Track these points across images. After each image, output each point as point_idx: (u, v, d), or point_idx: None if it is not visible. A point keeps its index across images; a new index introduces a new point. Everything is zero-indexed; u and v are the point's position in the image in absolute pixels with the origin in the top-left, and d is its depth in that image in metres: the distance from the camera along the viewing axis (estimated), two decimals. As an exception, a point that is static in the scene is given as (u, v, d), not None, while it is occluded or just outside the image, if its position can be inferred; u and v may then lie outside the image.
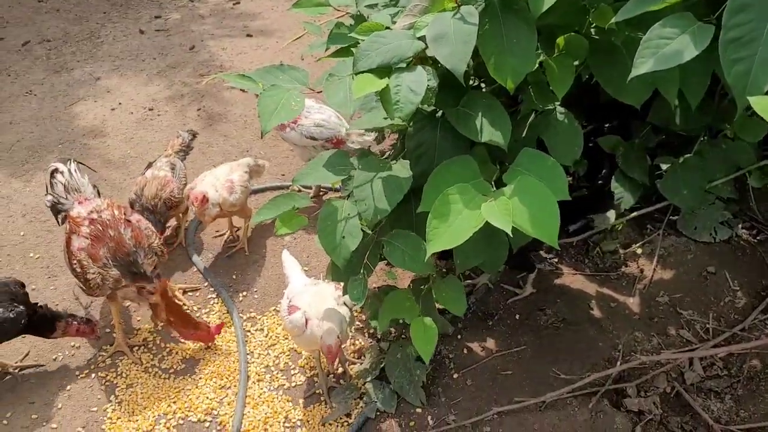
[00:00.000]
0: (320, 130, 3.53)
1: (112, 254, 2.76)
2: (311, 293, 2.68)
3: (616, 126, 3.21)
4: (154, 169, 3.42)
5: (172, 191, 3.33)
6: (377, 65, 2.06)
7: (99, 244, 2.77)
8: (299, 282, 2.81)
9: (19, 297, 2.74)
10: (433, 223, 1.92)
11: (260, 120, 2.06)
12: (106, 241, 2.77)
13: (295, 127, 3.51)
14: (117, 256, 2.76)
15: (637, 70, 1.80)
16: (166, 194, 3.31)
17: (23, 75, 4.99)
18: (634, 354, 2.81)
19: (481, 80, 2.66)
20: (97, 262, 2.75)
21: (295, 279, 2.84)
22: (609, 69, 2.26)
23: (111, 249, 2.76)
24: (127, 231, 2.82)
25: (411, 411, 2.71)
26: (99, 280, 2.75)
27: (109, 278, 2.75)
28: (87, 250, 2.77)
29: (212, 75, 3.66)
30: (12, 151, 4.21)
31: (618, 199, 3.04)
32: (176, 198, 3.35)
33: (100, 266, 2.75)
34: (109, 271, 2.75)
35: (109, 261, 2.75)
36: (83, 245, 2.78)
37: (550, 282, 3.20)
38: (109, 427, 2.72)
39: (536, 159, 2.07)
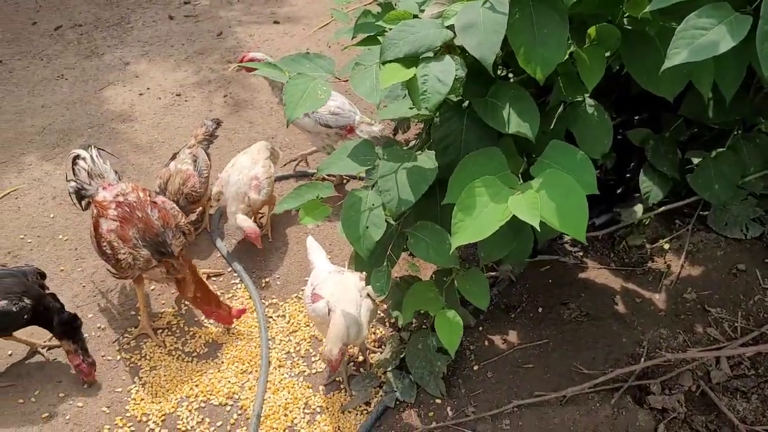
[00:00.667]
0: (335, 118, 3.52)
1: (141, 235, 2.80)
2: (335, 282, 2.68)
3: (646, 118, 3.15)
4: (177, 162, 3.43)
5: (194, 186, 3.35)
6: (404, 54, 2.04)
7: (128, 226, 2.81)
8: (323, 269, 2.81)
9: (31, 290, 2.75)
10: (458, 216, 1.91)
11: (286, 109, 2.06)
12: (134, 222, 2.81)
13: (310, 113, 3.49)
14: (146, 236, 2.80)
15: (671, 61, 1.75)
16: (188, 189, 3.33)
17: (55, 59, 5.05)
18: (659, 351, 2.77)
19: (510, 70, 2.62)
20: (127, 243, 2.79)
21: (320, 265, 2.85)
22: (641, 60, 2.21)
23: (140, 230, 2.80)
24: (154, 212, 2.86)
25: (430, 401, 2.71)
26: (130, 260, 2.79)
27: (140, 258, 2.79)
28: (116, 231, 2.80)
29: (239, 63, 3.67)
30: (43, 134, 4.28)
31: (646, 193, 2.99)
32: (197, 193, 3.37)
33: (131, 247, 2.79)
34: (139, 252, 2.79)
35: (138, 241, 2.79)
36: (112, 227, 2.81)
37: (574, 276, 3.17)
38: (133, 408, 2.76)
39: (565, 152, 2.04)
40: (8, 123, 4.36)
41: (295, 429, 2.69)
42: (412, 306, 2.47)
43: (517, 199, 1.85)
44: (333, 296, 2.61)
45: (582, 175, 1.95)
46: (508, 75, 2.62)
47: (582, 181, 1.91)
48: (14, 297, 2.67)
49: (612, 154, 3.11)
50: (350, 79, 2.15)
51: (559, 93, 2.35)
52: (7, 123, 4.36)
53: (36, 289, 2.78)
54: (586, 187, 1.92)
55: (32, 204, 3.74)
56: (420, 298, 2.45)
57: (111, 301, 3.22)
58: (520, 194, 1.87)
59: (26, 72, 4.89)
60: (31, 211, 3.70)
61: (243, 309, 3.06)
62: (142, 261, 2.80)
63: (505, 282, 3.16)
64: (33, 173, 3.95)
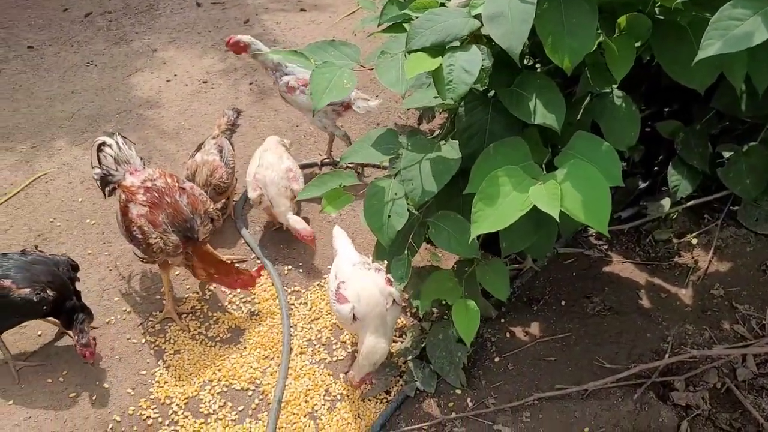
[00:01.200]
0: None
1: (170, 220, 2.83)
2: (360, 284, 2.65)
3: (676, 110, 3.09)
4: (203, 153, 3.44)
5: (222, 176, 3.36)
6: (431, 44, 2.03)
7: (158, 211, 2.84)
8: (348, 259, 2.78)
9: (57, 281, 2.76)
10: (478, 205, 1.89)
11: (312, 98, 2.05)
12: (164, 208, 2.84)
13: (306, 90, 3.46)
14: (175, 222, 2.83)
15: (704, 53, 1.71)
16: (216, 180, 3.34)
17: (85, 45, 5.12)
18: (684, 347, 2.73)
19: (536, 60, 2.59)
20: (157, 228, 2.82)
21: (344, 254, 2.83)
22: (673, 51, 2.17)
23: (169, 215, 2.83)
24: (183, 198, 2.89)
25: (450, 392, 2.71)
26: (161, 245, 2.82)
27: (170, 243, 2.82)
28: (147, 216, 2.83)
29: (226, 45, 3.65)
30: (73, 119, 4.34)
31: (674, 187, 2.94)
32: (225, 183, 3.39)
33: (161, 232, 2.82)
34: (169, 237, 2.82)
35: (168, 227, 2.82)
36: (143, 212, 2.85)
37: (599, 269, 3.13)
38: (157, 390, 2.81)
39: (590, 143, 2.01)
40: (39, 108, 4.44)
41: (316, 415, 2.72)
42: (430, 294, 2.46)
43: (539, 189, 1.83)
44: (359, 302, 2.59)
45: (607, 167, 1.92)
46: (534, 65, 2.59)
47: (607, 172, 1.89)
48: (38, 287, 2.69)
49: (640, 147, 3.07)
50: (375, 68, 2.14)
51: (587, 84, 2.31)
52: (38, 108, 4.44)
53: (62, 282, 2.79)
54: (611, 179, 1.89)
55: (61, 188, 3.81)
56: (439, 287, 2.44)
57: (136, 285, 3.27)
58: (541, 184, 1.85)
59: (57, 58, 4.96)
60: (60, 194, 3.77)
61: (260, 267, 3.09)
62: (172, 246, 2.83)
63: (528, 274, 3.13)
64: (62, 158, 4.02)
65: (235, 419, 2.72)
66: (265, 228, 3.56)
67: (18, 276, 2.69)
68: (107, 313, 3.12)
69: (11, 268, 2.72)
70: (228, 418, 2.71)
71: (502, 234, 2.25)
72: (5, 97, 4.53)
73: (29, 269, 2.73)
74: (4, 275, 2.69)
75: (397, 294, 2.63)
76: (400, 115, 4.29)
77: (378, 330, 2.59)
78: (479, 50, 2.01)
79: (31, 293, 2.67)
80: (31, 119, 4.33)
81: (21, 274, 2.70)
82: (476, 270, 2.43)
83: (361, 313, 2.58)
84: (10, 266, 2.73)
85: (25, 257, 2.80)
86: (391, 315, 2.62)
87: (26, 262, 2.77)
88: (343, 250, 2.87)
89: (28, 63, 4.90)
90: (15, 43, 5.12)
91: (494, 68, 2.10)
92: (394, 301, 2.63)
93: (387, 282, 2.63)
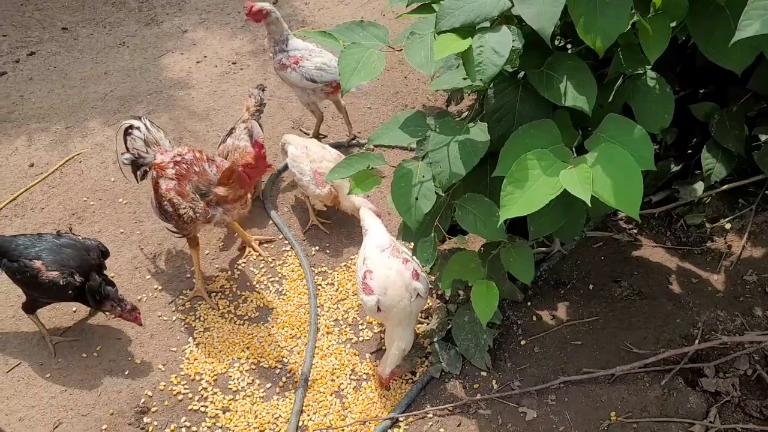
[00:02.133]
0: (321, 74, 3.53)
1: (195, 187, 2.86)
2: (386, 275, 2.61)
3: (711, 92, 3.02)
4: (234, 138, 3.44)
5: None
6: (460, 24, 2.01)
7: (185, 182, 2.88)
8: (377, 243, 2.73)
9: (84, 266, 2.79)
10: (507, 189, 1.88)
11: (341, 79, 2.06)
12: (190, 178, 2.88)
13: (297, 68, 3.53)
14: (200, 186, 2.86)
15: (742, 33, 1.67)
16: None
17: (117, 27, 5.17)
18: (714, 333, 2.70)
19: (568, 41, 2.55)
20: (185, 198, 2.86)
21: (374, 237, 2.78)
22: (709, 31, 2.11)
23: (195, 183, 2.87)
24: (212, 167, 2.92)
25: (476, 374, 2.72)
26: (191, 214, 2.86)
27: (199, 210, 2.85)
28: (175, 189, 2.88)
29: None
30: (105, 100, 4.41)
31: (708, 171, 2.88)
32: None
33: (189, 201, 2.86)
34: (197, 204, 2.85)
35: (195, 195, 2.86)
36: (170, 185, 2.89)
37: (628, 253, 3.09)
38: (187, 367, 2.88)
39: (622, 126, 1.98)
40: (73, 89, 4.51)
41: (342, 394, 2.76)
42: (451, 274, 2.46)
43: (570, 173, 1.81)
44: (385, 294, 2.58)
45: (639, 150, 1.89)
46: (565, 46, 2.55)
47: (638, 156, 1.86)
48: (66, 271, 2.74)
49: (673, 129, 3.01)
50: (404, 49, 2.14)
51: (619, 65, 2.27)
52: (72, 89, 4.51)
53: (90, 267, 2.82)
54: (643, 162, 1.87)
55: (94, 168, 3.88)
56: (461, 267, 2.44)
57: (167, 263, 3.33)
58: (572, 168, 1.83)
59: (90, 39, 5.03)
60: (93, 174, 3.84)
61: (260, 144, 2.91)
62: (202, 212, 2.85)
63: (555, 257, 3.11)
64: (96, 138, 4.09)
65: (263, 396, 2.77)
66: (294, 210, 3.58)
67: (49, 258, 2.75)
68: (139, 291, 3.19)
69: (44, 249, 2.79)
70: (256, 395, 2.77)
71: (530, 217, 2.23)
72: (41, 78, 4.62)
73: (60, 252, 2.79)
74: (37, 256, 2.76)
75: (422, 288, 2.62)
76: (429, 96, 4.26)
77: (403, 322, 2.60)
78: (510, 31, 1.99)
79: (58, 277, 2.73)
80: (65, 100, 4.41)
81: (52, 257, 2.76)
82: (501, 253, 2.42)
83: (386, 305, 2.58)
84: (43, 248, 2.80)
85: (58, 240, 2.86)
86: (415, 306, 2.61)
87: (58, 244, 2.83)
88: (373, 231, 2.82)
89: (63, 44, 4.97)
90: (50, 25, 5.19)
91: (525, 49, 2.07)
92: (419, 294, 2.61)
93: (414, 275, 2.61)
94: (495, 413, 2.58)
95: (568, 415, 2.53)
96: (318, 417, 2.68)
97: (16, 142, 4.09)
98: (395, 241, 2.77)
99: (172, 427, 2.67)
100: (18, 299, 3.12)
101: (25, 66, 4.74)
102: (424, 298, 2.66)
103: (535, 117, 2.16)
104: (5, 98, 4.44)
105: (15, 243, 2.83)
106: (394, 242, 2.75)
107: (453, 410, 2.62)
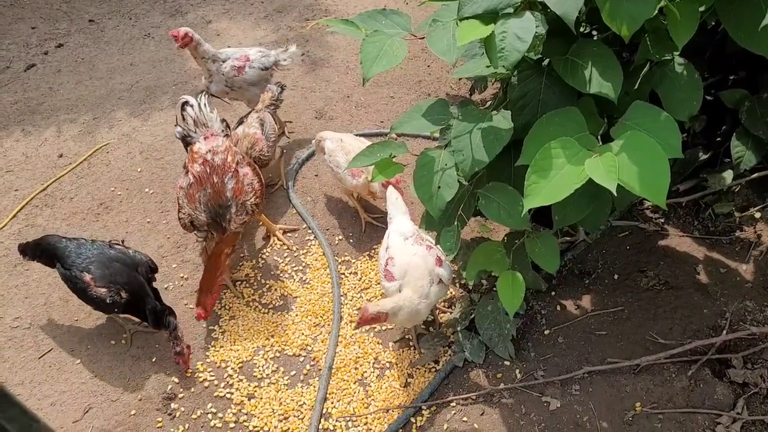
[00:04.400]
0: (266, 59, 3.73)
1: (206, 200, 2.83)
2: (408, 260, 2.59)
3: (741, 79, 2.95)
4: (245, 126, 3.47)
5: (262, 150, 3.37)
6: (483, 11, 1.99)
7: (199, 187, 2.84)
8: (401, 230, 2.72)
9: (133, 283, 2.77)
10: (532, 178, 1.86)
11: (362, 67, 2.05)
12: (206, 186, 2.84)
13: (250, 63, 3.68)
14: (209, 203, 2.83)
15: (773, 17, 1.63)
16: (256, 153, 3.35)
17: (143, 18, 5.23)
18: (743, 324, 2.65)
19: (593, 27, 2.51)
20: (191, 203, 2.84)
21: (398, 223, 2.77)
22: (740, 15, 2.06)
23: (207, 195, 2.83)
24: (230, 182, 2.86)
25: (499, 363, 2.71)
26: (186, 221, 2.86)
27: (197, 221, 2.85)
28: (186, 189, 2.86)
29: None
30: (131, 91, 4.46)
31: (738, 159, 2.82)
32: (266, 156, 3.39)
33: (192, 208, 2.84)
34: (198, 215, 2.84)
35: (200, 206, 2.83)
36: (185, 183, 2.88)
37: (654, 243, 3.05)
38: (213, 354, 2.92)
39: (648, 113, 1.95)
40: (101, 80, 4.57)
41: (365, 382, 2.77)
42: (477, 265, 2.44)
43: (595, 161, 1.78)
44: (406, 279, 2.56)
45: (666, 138, 1.86)
46: (591, 32, 2.51)
47: (665, 144, 1.82)
48: (114, 288, 2.74)
49: (702, 117, 2.95)
50: (426, 36, 2.12)
51: (646, 51, 2.22)
52: (99, 80, 4.58)
53: (138, 284, 2.81)
54: (670, 150, 1.83)
55: (121, 158, 3.94)
56: (486, 258, 2.42)
57: (193, 252, 3.37)
58: (597, 156, 1.80)
59: (116, 31, 5.09)
60: (120, 164, 3.90)
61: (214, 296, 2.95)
62: (199, 224, 2.85)
63: (580, 247, 3.08)
64: (122, 128, 4.15)
65: (287, 384, 2.80)
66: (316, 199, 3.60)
67: (98, 273, 2.76)
68: (165, 279, 3.24)
69: (93, 261, 2.78)
70: (280, 383, 2.80)
71: (554, 207, 2.22)
72: (69, 69, 4.69)
73: (109, 267, 2.78)
74: (86, 268, 2.76)
75: (445, 274, 2.59)
76: (452, 85, 4.24)
77: (418, 291, 2.54)
78: (533, 17, 1.96)
79: (105, 294, 2.74)
80: (93, 91, 4.48)
81: (100, 272, 2.76)
82: (526, 242, 2.40)
83: (405, 290, 2.55)
84: (93, 259, 2.79)
85: (109, 251, 2.86)
86: (434, 291, 2.57)
87: (108, 257, 2.82)
88: (397, 220, 2.81)
89: (90, 36, 5.05)
90: (77, 17, 5.27)
91: (548, 35, 2.05)
92: (441, 280, 2.59)
93: (437, 261, 2.60)
94: (518, 402, 2.58)
95: (592, 405, 2.52)
96: (342, 404, 2.71)
97: (46, 133, 4.17)
98: (419, 230, 2.75)
99: (198, 413, 2.71)
100: (48, 287, 3.19)
101: (54, 58, 4.82)
102: (446, 285, 2.64)
103: (560, 105, 2.13)
104: (35, 90, 4.52)
105: (68, 249, 2.83)
106: (418, 231, 2.74)
107: (476, 399, 2.62)
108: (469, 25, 1.98)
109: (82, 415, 2.73)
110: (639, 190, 1.75)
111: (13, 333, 3.06)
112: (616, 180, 1.72)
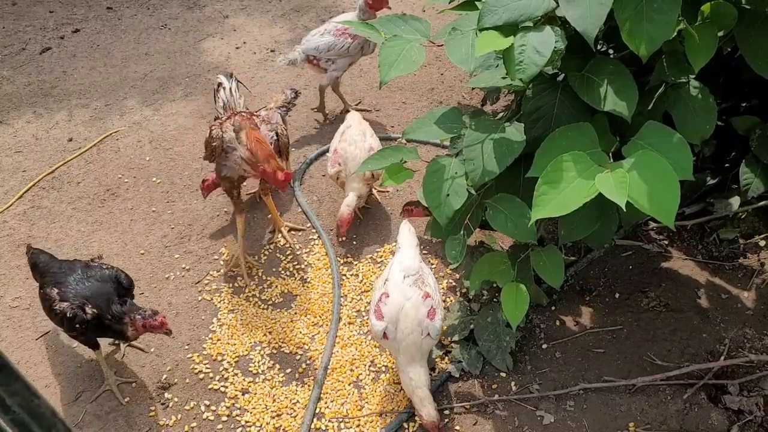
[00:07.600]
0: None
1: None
2: (401, 306, 2.43)
3: (754, 106, 2.96)
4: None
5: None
6: (503, 22, 2.00)
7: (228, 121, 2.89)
8: (405, 266, 2.53)
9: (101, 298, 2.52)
10: (542, 188, 1.87)
11: (380, 70, 2.06)
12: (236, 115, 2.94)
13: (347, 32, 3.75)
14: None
15: (792, 47, 1.64)
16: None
17: (160, 9, 5.26)
18: (741, 351, 2.65)
19: (610, 45, 2.52)
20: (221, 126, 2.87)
21: (403, 257, 2.58)
22: (758, 43, 2.08)
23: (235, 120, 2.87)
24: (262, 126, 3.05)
25: (495, 374, 2.71)
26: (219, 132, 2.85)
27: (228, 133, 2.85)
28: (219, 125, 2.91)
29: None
30: (145, 80, 4.48)
31: (746, 185, 2.83)
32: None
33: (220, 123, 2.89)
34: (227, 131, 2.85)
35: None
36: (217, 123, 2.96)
37: (657, 264, 3.06)
38: (210, 347, 2.92)
39: (661, 134, 1.96)
40: (115, 68, 4.60)
41: (360, 384, 2.77)
42: (480, 275, 2.45)
43: (606, 176, 1.79)
44: (395, 326, 2.43)
45: (677, 159, 1.87)
46: (608, 50, 2.52)
47: (677, 165, 1.83)
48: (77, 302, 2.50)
49: (712, 141, 2.96)
50: (445, 44, 2.13)
51: (662, 72, 2.24)
52: (113, 68, 4.60)
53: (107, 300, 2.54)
54: (681, 171, 1.84)
55: (130, 146, 3.96)
56: (491, 268, 2.43)
57: (196, 243, 3.38)
58: (608, 172, 1.81)
59: (133, 20, 5.12)
60: (129, 152, 3.91)
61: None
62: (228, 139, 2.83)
63: (583, 264, 3.09)
64: (133, 117, 4.17)
65: (282, 381, 2.80)
66: (322, 199, 3.61)
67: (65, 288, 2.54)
68: (167, 269, 3.24)
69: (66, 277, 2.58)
70: (275, 380, 2.80)
71: (561, 221, 2.22)
72: (84, 55, 4.71)
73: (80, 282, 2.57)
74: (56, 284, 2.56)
75: (435, 330, 2.45)
76: (464, 95, 4.25)
77: (415, 357, 2.45)
78: (553, 32, 1.97)
79: (67, 307, 2.50)
80: (106, 78, 4.50)
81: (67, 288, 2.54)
82: (531, 255, 2.40)
83: (393, 334, 2.45)
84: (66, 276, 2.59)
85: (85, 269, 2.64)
86: (425, 344, 2.45)
87: (81, 275, 2.61)
88: (405, 251, 2.61)
89: (107, 23, 5.07)
90: (95, 4, 5.30)
91: (566, 51, 2.06)
92: (429, 334, 2.45)
93: (430, 313, 2.44)
94: (512, 415, 2.57)
95: (586, 422, 2.51)
96: (335, 405, 2.70)
97: (57, 116, 4.18)
98: (425, 268, 2.58)
99: (191, 404, 2.71)
100: (50, 269, 3.19)
101: (70, 42, 4.85)
102: (434, 340, 2.49)
103: (573, 120, 2.14)
104: (49, 73, 4.54)
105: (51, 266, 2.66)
106: (423, 270, 2.56)
107: (470, 409, 2.62)
108: (488, 35, 1.99)
109: (75, 398, 2.73)
110: (648, 209, 1.76)
111: (11, 313, 3.06)
112: (626, 196, 1.73)
